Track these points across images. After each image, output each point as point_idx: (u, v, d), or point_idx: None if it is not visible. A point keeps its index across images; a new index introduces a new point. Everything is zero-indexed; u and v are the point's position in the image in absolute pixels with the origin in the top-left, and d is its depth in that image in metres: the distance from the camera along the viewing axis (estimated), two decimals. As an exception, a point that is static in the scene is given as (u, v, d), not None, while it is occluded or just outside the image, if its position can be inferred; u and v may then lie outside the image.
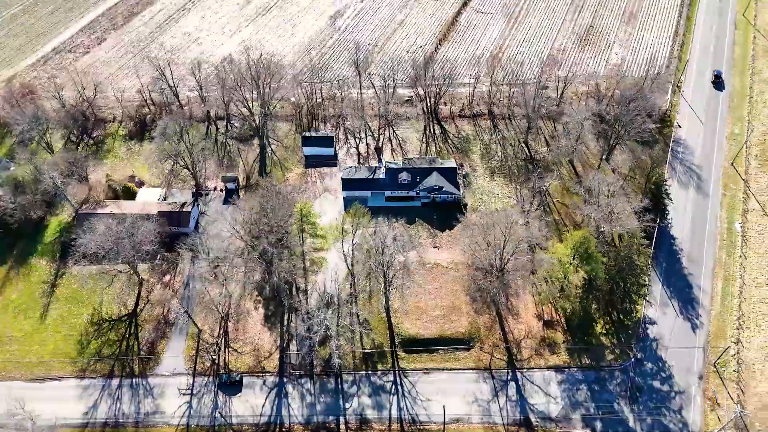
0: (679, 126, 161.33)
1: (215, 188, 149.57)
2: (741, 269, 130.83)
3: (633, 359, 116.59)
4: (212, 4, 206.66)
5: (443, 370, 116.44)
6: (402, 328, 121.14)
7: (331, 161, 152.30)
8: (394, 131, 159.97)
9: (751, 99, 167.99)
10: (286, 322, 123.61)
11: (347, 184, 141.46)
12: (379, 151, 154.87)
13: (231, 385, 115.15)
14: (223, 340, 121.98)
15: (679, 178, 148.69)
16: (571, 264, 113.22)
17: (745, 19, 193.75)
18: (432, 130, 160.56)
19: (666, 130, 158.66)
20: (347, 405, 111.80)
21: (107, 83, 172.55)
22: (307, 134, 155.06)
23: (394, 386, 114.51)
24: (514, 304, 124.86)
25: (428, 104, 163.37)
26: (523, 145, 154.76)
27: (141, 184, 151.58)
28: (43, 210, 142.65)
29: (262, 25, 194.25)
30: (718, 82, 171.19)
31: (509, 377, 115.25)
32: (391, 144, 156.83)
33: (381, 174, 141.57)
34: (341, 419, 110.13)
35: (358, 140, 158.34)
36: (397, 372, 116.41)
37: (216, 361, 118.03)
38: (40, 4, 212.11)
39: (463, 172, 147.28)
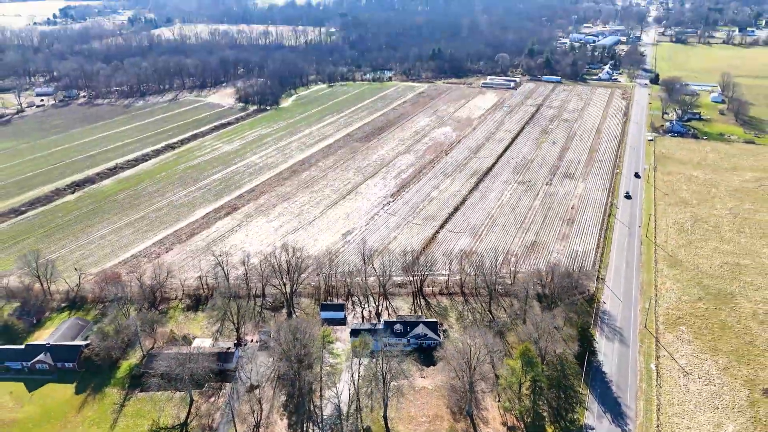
0: (604, 302, 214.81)
1: (252, 340, 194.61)
2: (657, 394, 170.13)
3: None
4: (254, 227, 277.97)
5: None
6: (397, 430, 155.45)
7: (342, 322, 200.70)
8: (390, 302, 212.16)
9: (656, 287, 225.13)
10: (305, 428, 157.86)
11: (354, 333, 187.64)
12: (378, 315, 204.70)
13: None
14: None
15: (606, 335, 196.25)
16: (521, 371, 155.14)
17: (648, 238, 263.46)
18: (419, 302, 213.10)
19: (594, 305, 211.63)
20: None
21: (176, 272, 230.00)
22: (324, 303, 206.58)
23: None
24: (484, 415, 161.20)
25: (416, 287, 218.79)
26: (488, 312, 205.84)
27: (195, 337, 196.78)
28: (121, 351, 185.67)
29: (292, 240, 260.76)
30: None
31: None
32: (388, 311, 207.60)
33: (380, 326, 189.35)
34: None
35: (362, 308, 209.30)
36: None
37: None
38: (124, 228, 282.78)
39: (443, 329, 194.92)
